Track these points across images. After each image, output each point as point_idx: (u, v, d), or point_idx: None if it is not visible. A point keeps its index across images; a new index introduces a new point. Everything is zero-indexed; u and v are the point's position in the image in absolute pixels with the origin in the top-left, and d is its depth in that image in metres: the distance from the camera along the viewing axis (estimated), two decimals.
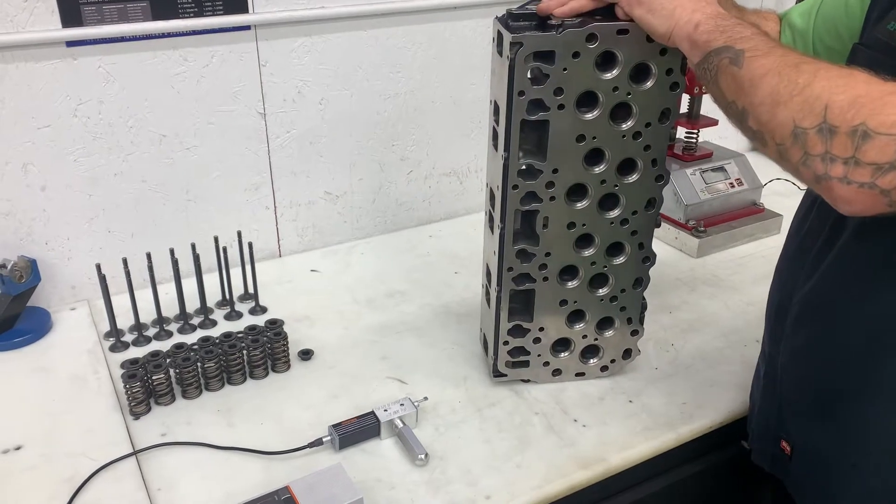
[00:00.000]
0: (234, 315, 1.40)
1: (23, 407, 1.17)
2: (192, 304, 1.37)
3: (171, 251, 1.31)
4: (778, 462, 1.06)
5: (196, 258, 1.32)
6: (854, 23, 0.98)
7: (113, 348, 1.30)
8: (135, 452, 1.08)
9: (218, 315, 1.40)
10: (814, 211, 0.99)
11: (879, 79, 0.72)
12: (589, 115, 1.03)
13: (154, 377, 1.15)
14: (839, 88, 0.72)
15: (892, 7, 0.88)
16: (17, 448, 1.09)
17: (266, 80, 1.47)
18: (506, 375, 1.21)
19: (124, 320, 1.33)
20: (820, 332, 0.96)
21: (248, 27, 1.41)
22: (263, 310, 1.42)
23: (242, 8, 1.39)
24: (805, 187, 0.98)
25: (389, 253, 1.65)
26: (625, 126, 1.04)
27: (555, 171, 1.06)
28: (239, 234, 1.40)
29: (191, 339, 1.29)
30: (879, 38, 0.87)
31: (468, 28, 1.63)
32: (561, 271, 1.14)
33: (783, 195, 1.70)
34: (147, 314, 1.34)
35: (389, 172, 1.68)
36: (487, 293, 1.21)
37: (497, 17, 1.03)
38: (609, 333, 1.20)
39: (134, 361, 1.17)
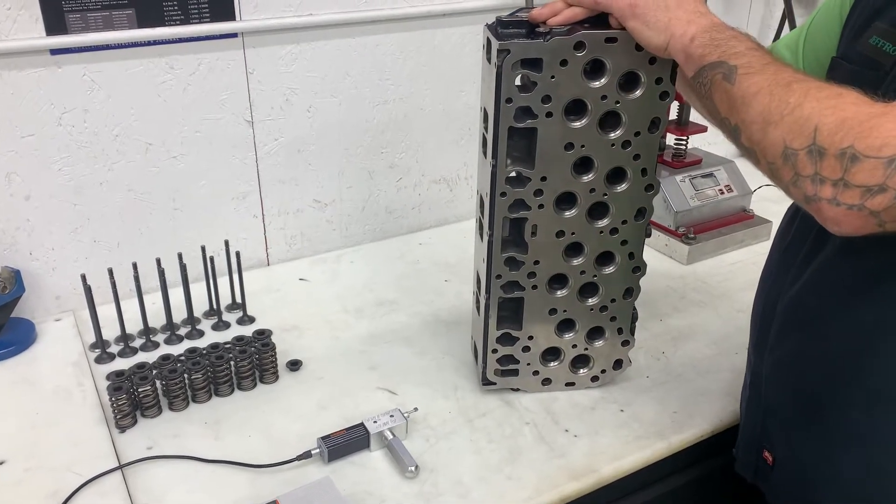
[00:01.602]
0: (221, 325, 1.38)
1: (6, 420, 1.15)
2: (179, 314, 1.36)
3: (158, 261, 1.30)
4: (760, 472, 1.06)
5: (183, 268, 1.31)
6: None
7: (98, 360, 1.29)
8: (121, 466, 1.06)
9: (205, 325, 1.39)
10: (797, 220, 0.99)
11: (868, 99, 0.72)
12: (577, 124, 1.02)
13: (140, 389, 1.14)
14: (828, 110, 0.72)
15: (870, 22, 0.88)
16: (1, 463, 1.07)
17: (253, 87, 1.46)
18: (495, 384, 1.20)
19: (110, 331, 1.32)
20: (803, 340, 0.96)
21: (235, 35, 1.40)
22: (251, 320, 1.41)
23: (229, 15, 1.38)
24: None
25: (379, 261, 1.64)
26: (614, 135, 1.03)
27: (543, 178, 1.05)
28: (226, 242, 1.39)
29: (178, 349, 1.28)
30: (861, 52, 0.88)
31: (457, 35, 1.62)
32: (550, 280, 1.13)
33: (773, 201, 1.70)
34: (133, 325, 1.33)
35: (378, 180, 1.67)
36: (478, 301, 1.20)
37: (487, 24, 1.03)
38: (599, 343, 1.19)
39: (120, 373, 1.16)
